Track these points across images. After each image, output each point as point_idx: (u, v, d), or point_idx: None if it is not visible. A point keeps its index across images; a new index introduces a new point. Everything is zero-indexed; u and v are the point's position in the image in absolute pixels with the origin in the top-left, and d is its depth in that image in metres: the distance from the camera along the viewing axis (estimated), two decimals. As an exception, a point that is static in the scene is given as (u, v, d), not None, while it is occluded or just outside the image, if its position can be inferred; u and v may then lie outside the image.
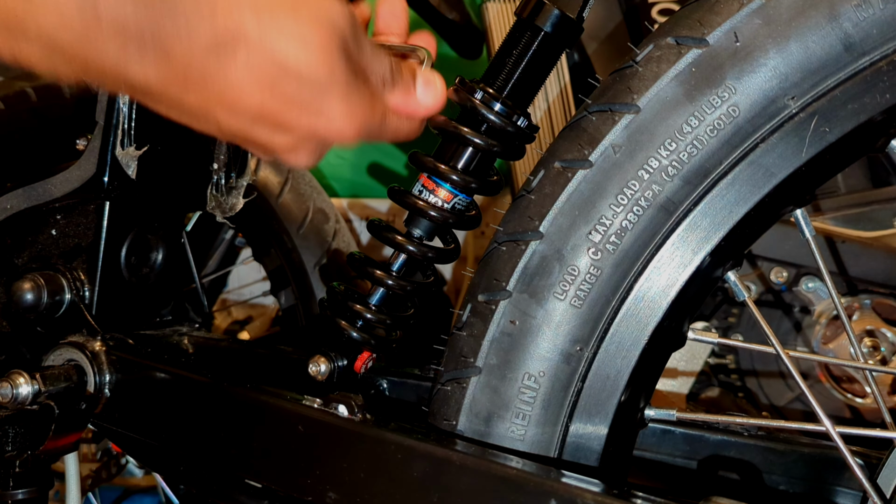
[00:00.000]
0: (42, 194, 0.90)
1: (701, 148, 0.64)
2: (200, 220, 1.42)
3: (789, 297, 1.40)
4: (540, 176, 0.69)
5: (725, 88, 0.63)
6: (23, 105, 1.39)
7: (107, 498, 1.68)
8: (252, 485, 0.75)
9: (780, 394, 1.45)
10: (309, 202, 1.46)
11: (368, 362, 0.80)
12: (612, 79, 0.68)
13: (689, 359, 1.44)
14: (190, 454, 0.80)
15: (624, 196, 0.65)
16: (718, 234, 0.65)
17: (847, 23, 0.60)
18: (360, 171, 2.23)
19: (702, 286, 0.67)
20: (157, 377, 0.83)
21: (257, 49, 0.56)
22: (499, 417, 0.68)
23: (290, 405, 0.73)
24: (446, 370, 0.71)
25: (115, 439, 0.88)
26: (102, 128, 0.88)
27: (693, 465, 0.85)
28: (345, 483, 0.68)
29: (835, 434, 0.65)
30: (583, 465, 0.68)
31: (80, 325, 0.90)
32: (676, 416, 0.72)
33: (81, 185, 0.89)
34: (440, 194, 0.74)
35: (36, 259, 0.92)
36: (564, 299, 0.66)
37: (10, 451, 0.79)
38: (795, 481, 0.82)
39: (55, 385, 0.82)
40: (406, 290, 0.77)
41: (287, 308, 1.47)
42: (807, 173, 0.64)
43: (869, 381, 0.75)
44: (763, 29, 0.62)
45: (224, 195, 0.97)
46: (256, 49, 0.56)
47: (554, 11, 0.70)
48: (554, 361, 0.67)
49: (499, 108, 0.72)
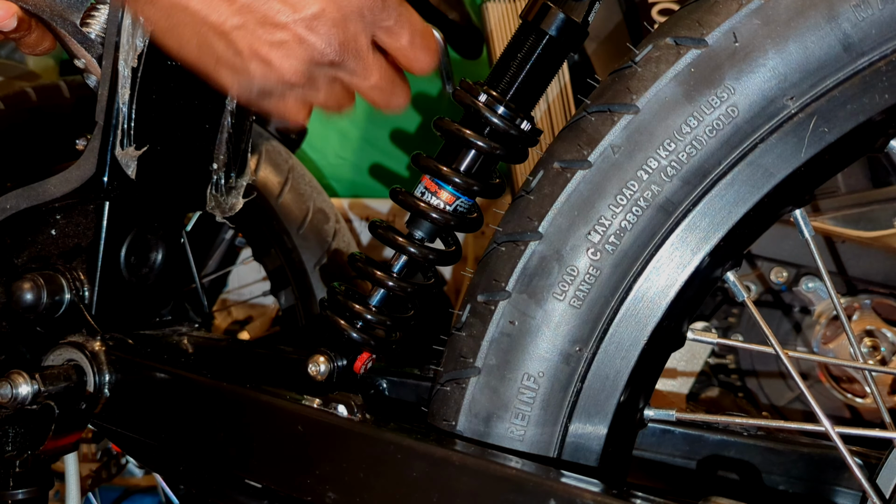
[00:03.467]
0: (41, 194, 0.90)
1: (700, 148, 0.64)
2: (200, 220, 1.43)
3: (789, 298, 1.40)
4: (539, 176, 0.69)
5: (724, 89, 0.63)
6: (23, 105, 1.39)
7: (107, 498, 1.68)
8: (252, 485, 0.75)
9: (780, 394, 1.45)
10: (309, 202, 1.47)
11: (368, 363, 0.80)
12: (611, 79, 0.68)
13: (689, 359, 1.44)
14: (190, 454, 0.80)
15: (623, 196, 0.65)
16: (717, 235, 0.65)
17: (846, 23, 0.60)
18: (360, 171, 2.23)
19: (701, 286, 0.67)
20: (156, 377, 0.83)
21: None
22: (498, 418, 0.68)
23: (289, 405, 0.73)
24: (445, 370, 0.71)
25: (115, 439, 0.88)
26: (102, 128, 0.88)
27: (692, 465, 0.85)
28: (344, 483, 0.68)
29: (834, 434, 0.65)
30: (582, 465, 0.68)
31: (79, 325, 0.90)
32: (676, 416, 0.72)
33: (81, 185, 0.89)
34: (442, 196, 0.74)
35: (35, 259, 0.93)
36: (563, 300, 0.66)
37: (10, 451, 0.80)
38: (795, 481, 0.82)
39: (55, 385, 0.82)
40: (407, 291, 0.77)
41: (287, 308, 1.47)
42: (806, 173, 0.64)
43: (868, 381, 0.75)
44: (762, 29, 0.62)
45: (224, 195, 0.97)
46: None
47: (559, 15, 0.70)
48: (553, 362, 0.67)
49: (502, 112, 0.72)
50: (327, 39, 0.67)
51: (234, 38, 0.67)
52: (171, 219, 1.00)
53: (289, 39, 0.66)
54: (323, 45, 0.67)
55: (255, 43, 0.67)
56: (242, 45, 0.67)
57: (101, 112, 0.87)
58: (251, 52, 0.67)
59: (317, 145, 2.20)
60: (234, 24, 0.66)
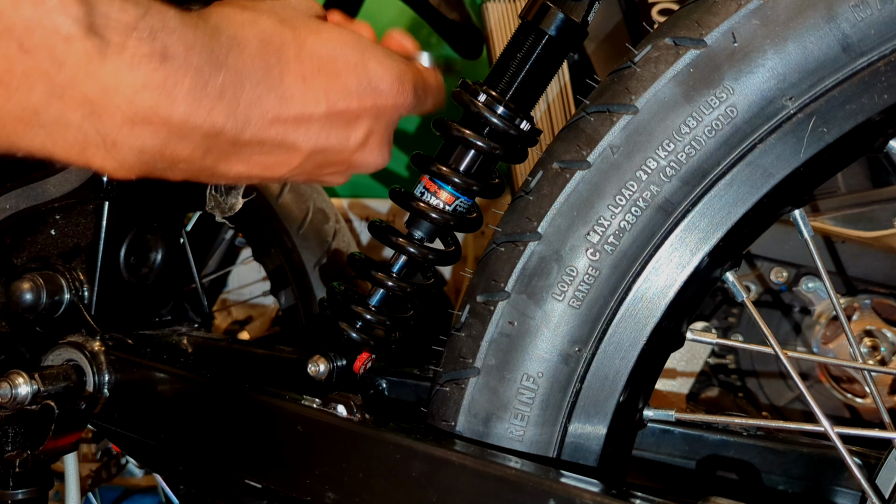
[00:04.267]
0: (41, 194, 0.90)
1: (699, 148, 0.64)
2: (200, 220, 1.43)
3: (789, 298, 1.40)
4: (538, 177, 0.69)
5: (723, 89, 0.63)
6: (23, 105, 1.39)
7: (107, 498, 1.68)
8: (252, 485, 0.75)
9: (780, 394, 1.45)
10: (309, 202, 1.46)
11: (368, 363, 0.80)
12: (610, 79, 0.68)
13: (689, 359, 1.44)
14: (190, 454, 0.80)
15: (622, 197, 0.65)
16: (717, 235, 0.65)
17: (845, 23, 0.60)
18: (360, 171, 2.23)
19: (700, 287, 0.67)
20: (156, 377, 0.83)
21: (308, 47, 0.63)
22: (497, 418, 0.68)
23: (289, 405, 0.73)
24: (445, 371, 0.71)
25: (115, 439, 0.88)
26: (102, 128, 0.88)
27: (692, 466, 0.85)
28: (344, 483, 0.68)
29: (833, 434, 0.65)
30: (582, 465, 0.68)
31: (79, 325, 0.90)
32: (675, 416, 0.72)
33: (80, 185, 0.89)
34: (442, 196, 0.74)
35: (35, 259, 0.93)
36: (563, 300, 0.66)
37: (9, 451, 0.80)
38: (794, 481, 0.82)
39: (54, 385, 0.82)
40: (406, 291, 0.77)
41: (287, 308, 1.47)
42: (805, 174, 0.64)
43: (868, 381, 0.75)
44: (761, 30, 0.62)
45: (223, 195, 0.97)
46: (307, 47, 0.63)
47: (559, 15, 0.70)
48: (552, 362, 0.67)
49: (502, 112, 0.72)
50: (378, 153, 0.70)
51: (291, 178, 0.69)
52: (170, 219, 1.00)
53: (342, 169, 0.69)
54: (374, 159, 0.70)
55: (311, 177, 0.69)
56: (299, 180, 0.71)
57: (100, 112, 0.87)
58: (306, 181, 0.73)
59: (317, 145, 2.20)
60: (293, 175, 0.67)
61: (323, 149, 0.65)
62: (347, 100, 0.64)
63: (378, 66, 0.66)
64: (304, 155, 0.64)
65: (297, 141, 0.63)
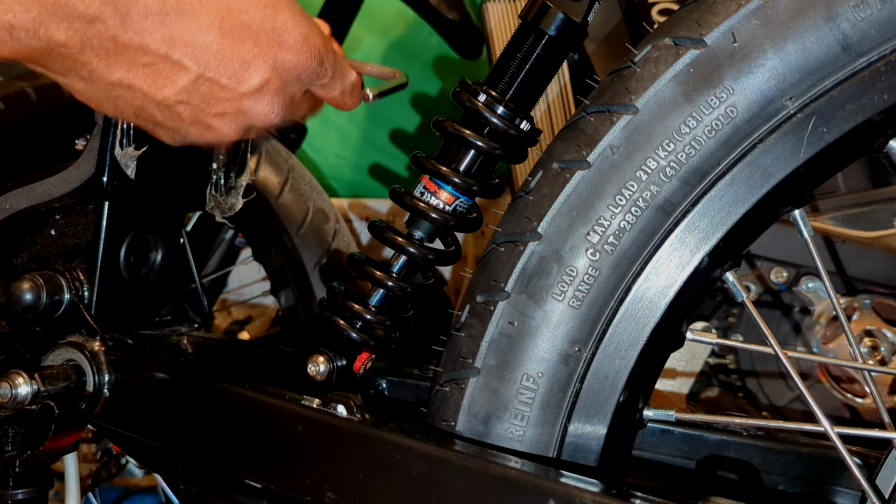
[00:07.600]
0: (41, 194, 0.90)
1: (699, 148, 0.64)
2: (200, 220, 1.43)
3: (789, 298, 1.40)
4: (538, 177, 0.69)
5: (723, 89, 0.63)
6: (23, 105, 1.39)
7: (107, 498, 1.68)
8: (252, 485, 0.75)
9: (780, 394, 1.45)
10: (309, 202, 1.46)
11: (367, 363, 0.80)
12: (610, 79, 0.68)
13: (689, 359, 1.44)
14: (190, 454, 0.80)
15: (622, 197, 0.65)
16: (717, 235, 0.65)
17: (845, 23, 0.60)
18: (360, 171, 2.23)
19: (700, 287, 0.67)
20: (156, 377, 0.83)
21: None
22: (497, 418, 0.68)
23: (289, 405, 0.73)
24: (445, 371, 0.71)
25: (115, 439, 0.88)
26: (101, 128, 0.88)
27: (692, 466, 0.85)
28: (344, 483, 0.68)
29: (833, 434, 0.65)
30: (581, 465, 0.68)
31: (79, 325, 0.90)
32: (675, 416, 0.72)
33: (80, 185, 0.89)
34: (442, 196, 0.74)
35: (35, 259, 0.93)
36: (563, 300, 0.66)
37: (9, 451, 0.80)
38: (794, 481, 0.82)
39: (54, 385, 0.82)
40: (406, 291, 0.77)
41: (287, 308, 1.47)
42: (805, 174, 0.64)
43: (868, 381, 0.75)
44: (761, 30, 0.62)
45: (223, 195, 0.97)
46: None
47: (559, 15, 0.70)
48: (552, 362, 0.67)
49: (501, 111, 0.72)
50: (270, 107, 0.69)
51: (177, 111, 0.67)
52: (170, 219, 1.00)
53: (231, 111, 0.68)
54: (266, 112, 0.69)
55: (198, 115, 0.68)
56: (185, 116, 0.68)
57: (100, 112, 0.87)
58: (193, 121, 0.69)
59: (317, 145, 2.20)
60: (178, 100, 0.66)
61: (211, 79, 0.64)
62: (243, 36, 0.63)
63: (289, 18, 0.66)
64: (190, 78, 0.64)
65: (182, 60, 0.62)
